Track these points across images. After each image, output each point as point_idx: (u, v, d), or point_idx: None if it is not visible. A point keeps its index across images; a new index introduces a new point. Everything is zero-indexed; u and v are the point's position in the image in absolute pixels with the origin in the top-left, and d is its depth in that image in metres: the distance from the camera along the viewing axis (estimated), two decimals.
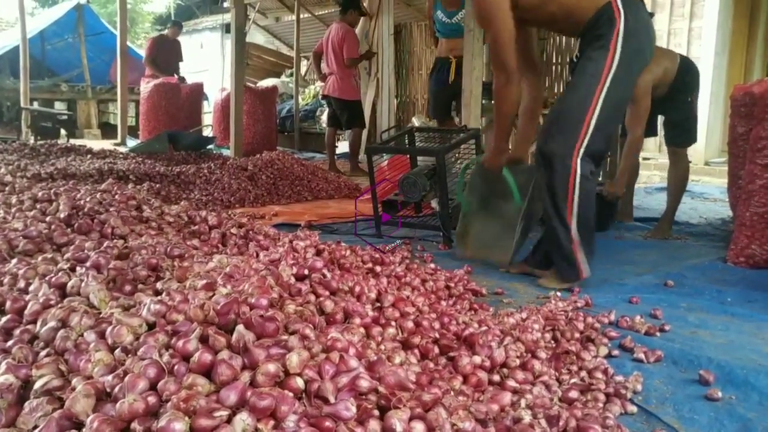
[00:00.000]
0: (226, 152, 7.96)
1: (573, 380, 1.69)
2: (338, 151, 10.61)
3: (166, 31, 10.27)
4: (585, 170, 2.65)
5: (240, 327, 1.23)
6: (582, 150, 2.63)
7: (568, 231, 2.68)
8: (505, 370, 1.67)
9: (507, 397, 1.47)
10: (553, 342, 1.95)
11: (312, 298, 1.68)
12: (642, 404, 1.62)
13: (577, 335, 1.99)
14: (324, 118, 10.28)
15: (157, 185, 4.59)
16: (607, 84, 2.62)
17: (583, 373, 1.75)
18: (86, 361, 1.17)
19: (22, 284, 1.68)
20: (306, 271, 1.78)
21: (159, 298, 1.43)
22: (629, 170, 4.09)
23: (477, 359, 1.63)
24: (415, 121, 7.52)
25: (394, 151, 4.49)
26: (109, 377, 1.11)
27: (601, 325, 2.15)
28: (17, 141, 8.21)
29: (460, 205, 3.35)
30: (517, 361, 1.69)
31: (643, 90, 3.66)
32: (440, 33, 5.91)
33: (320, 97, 7.62)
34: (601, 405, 1.55)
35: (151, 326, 1.31)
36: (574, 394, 1.57)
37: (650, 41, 2.78)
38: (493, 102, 2.91)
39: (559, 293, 2.55)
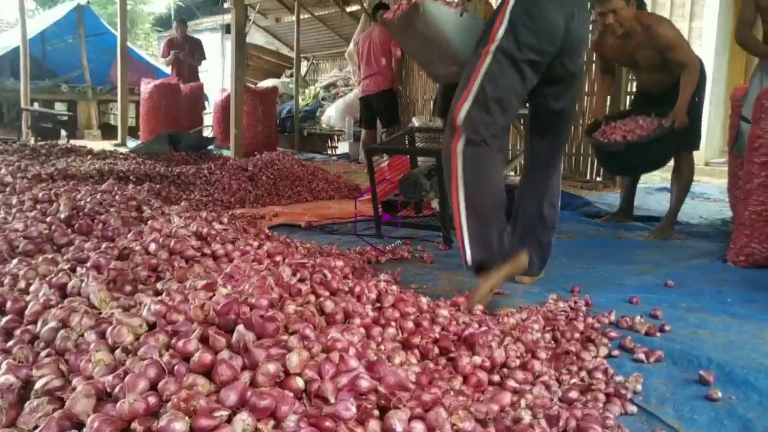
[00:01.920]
0: (226, 153, 7.97)
1: (573, 380, 1.69)
2: (338, 151, 10.67)
3: (174, 32, 10.31)
4: (470, 134, 2.34)
5: (240, 327, 1.23)
6: (464, 110, 2.35)
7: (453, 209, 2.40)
8: (505, 370, 1.67)
9: (507, 397, 1.47)
10: (553, 342, 1.95)
11: (312, 298, 1.68)
12: (642, 404, 1.62)
13: (577, 335, 1.99)
14: (324, 118, 10.29)
15: (158, 186, 4.58)
16: (493, 47, 2.32)
17: (583, 373, 1.75)
18: (87, 361, 1.17)
19: (22, 285, 1.68)
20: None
21: (159, 298, 1.44)
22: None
23: (477, 359, 1.63)
24: (415, 122, 7.52)
25: (395, 151, 4.49)
26: (110, 377, 1.11)
27: (601, 326, 2.15)
28: (18, 142, 8.22)
29: None
30: (517, 362, 1.70)
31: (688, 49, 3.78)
32: None
33: (359, 95, 7.47)
34: (601, 405, 1.55)
35: (152, 326, 1.32)
36: (574, 394, 1.57)
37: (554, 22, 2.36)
38: None
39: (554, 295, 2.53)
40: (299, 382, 1.14)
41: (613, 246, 3.69)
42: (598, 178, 6.92)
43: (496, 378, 1.64)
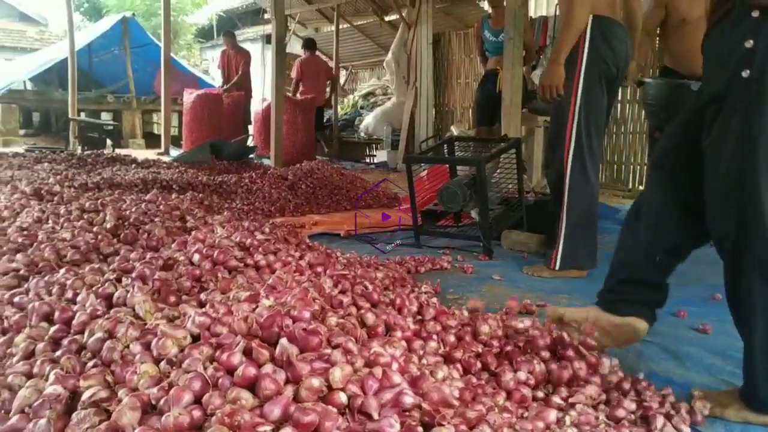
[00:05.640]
0: (266, 162, 8.05)
1: (622, 398, 1.64)
2: (376, 160, 10.68)
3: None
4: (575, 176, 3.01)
5: (283, 340, 1.23)
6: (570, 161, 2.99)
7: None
8: (549, 386, 1.64)
9: (552, 415, 1.44)
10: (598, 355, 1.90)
11: (353, 310, 1.68)
12: (694, 426, 1.57)
13: None
14: (362, 127, 10.31)
15: (200, 195, 4.65)
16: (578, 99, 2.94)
17: (632, 391, 1.70)
18: (132, 373, 1.18)
19: (69, 294, 1.71)
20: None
21: (203, 310, 1.44)
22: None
23: (521, 375, 1.60)
24: (454, 131, 7.49)
25: (434, 160, 4.47)
26: (155, 390, 1.12)
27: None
28: (65, 151, 8.45)
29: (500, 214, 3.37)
30: (565, 375, 1.65)
31: None
32: (489, 51, 6.26)
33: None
34: (654, 425, 1.50)
35: (196, 338, 1.32)
36: (621, 412, 1.52)
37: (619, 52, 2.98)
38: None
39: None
40: (342, 398, 1.13)
41: None
42: (641, 187, 6.78)
43: (540, 394, 1.60)
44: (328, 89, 10.23)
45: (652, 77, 4.14)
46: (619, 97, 6.94)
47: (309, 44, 9.96)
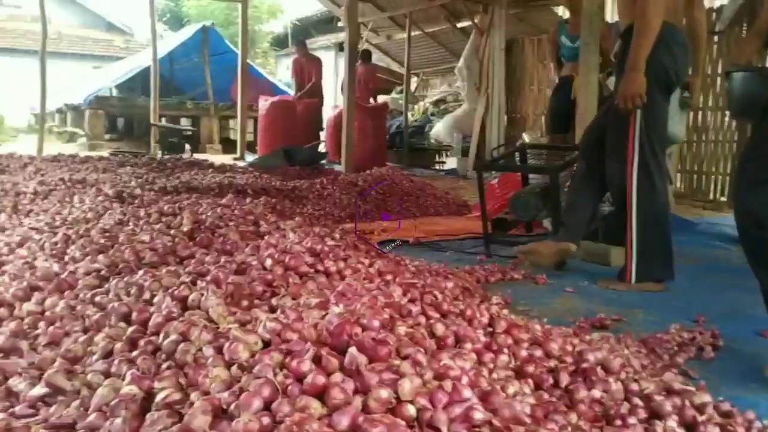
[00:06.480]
0: (337, 168, 8.14)
1: (702, 418, 1.55)
2: (446, 166, 10.63)
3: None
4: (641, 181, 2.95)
5: (353, 349, 1.22)
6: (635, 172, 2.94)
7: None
8: (626, 405, 1.56)
9: None
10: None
11: (422, 320, 1.65)
12: None
13: None
14: (432, 133, 10.28)
15: (273, 200, 4.74)
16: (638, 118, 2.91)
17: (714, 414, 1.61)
18: (204, 376, 1.20)
19: (147, 296, 1.76)
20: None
21: (274, 315, 1.46)
22: None
23: (596, 393, 1.53)
24: (526, 138, 7.37)
25: (505, 168, 4.41)
26: (226, 394, 1.13)
27: None
28: (147, 155, 8.80)
29: None
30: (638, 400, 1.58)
31: None
32: (565, 57, 6.15)
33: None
34: None
35: (267, 343, 1.33)
36: None
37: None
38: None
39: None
40: (411, 411, 1.11)
41: (742, 272, 3.41)
42: (722, 198, 6.48)
43: (613, 412, 1.53)
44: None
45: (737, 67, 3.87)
46: (700, 105, 6.67)
47: (364, 56, 10.71)
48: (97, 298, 1.80)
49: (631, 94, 2.85)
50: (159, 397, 1.16)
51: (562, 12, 9.57)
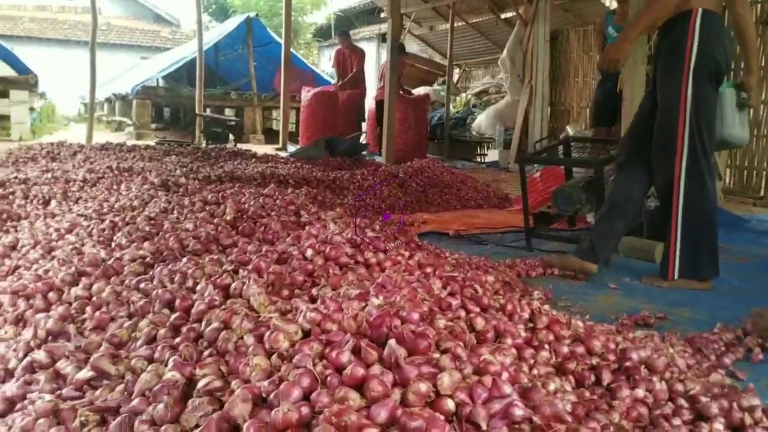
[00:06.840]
0: (378, 159, 8.14)
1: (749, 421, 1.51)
2: (488, 159, 10.53)
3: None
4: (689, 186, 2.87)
5: (392, 342, 1.22)
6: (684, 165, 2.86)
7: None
8: (670, 404, 1.53)
9: None
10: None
11: (462, 313, 1.64)
12: None
13: None
14: (474, 125, 10.18)
15: (314, 190, 4.76)
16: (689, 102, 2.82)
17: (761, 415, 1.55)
18: (245, 365, 1.21)
19: (190, 283, 1.79)
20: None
21: (314, 305, 1.46)
22: None
23: (639, 392, 1.50)
24: (570, 131, 7.24)
25: (548, 161, 4.34)
26: (266, 383, 1.14)
27: None
28: (191, 144, 8.94)
29: None
30: (682, 401, 1.54)
31: None
32: None
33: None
34: None
35: (306, 333, 1.34)
36: None
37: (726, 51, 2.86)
38: None
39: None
40: (450, 405, 1.10)
41: None
42: None
43: (657, 412, 1.50)
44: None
45: None
46: None
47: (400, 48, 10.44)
48: (142, 285, 1.83)
49: (614, 59, 2.90)
50: (200, 384, 1.17)
51: (609, 2, 9.37)
